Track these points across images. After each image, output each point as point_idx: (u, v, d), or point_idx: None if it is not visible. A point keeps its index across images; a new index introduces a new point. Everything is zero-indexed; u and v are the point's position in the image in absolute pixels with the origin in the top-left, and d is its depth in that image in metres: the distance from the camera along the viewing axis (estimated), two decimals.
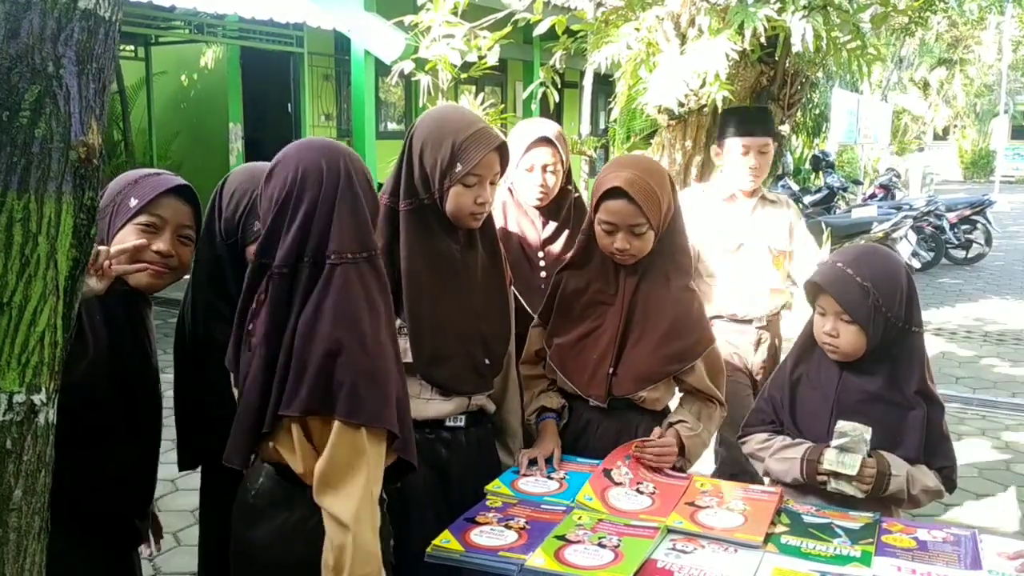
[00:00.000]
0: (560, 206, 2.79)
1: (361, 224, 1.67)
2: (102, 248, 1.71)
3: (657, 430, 2.31)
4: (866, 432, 2.06)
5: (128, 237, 1.82)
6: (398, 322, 2.06)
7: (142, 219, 1.85)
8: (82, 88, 1.20)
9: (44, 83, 1.16)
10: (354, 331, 1.61)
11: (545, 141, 2.71)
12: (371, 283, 1.66)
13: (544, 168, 2.71)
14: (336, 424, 1.59)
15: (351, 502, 1.59)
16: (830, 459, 2.08)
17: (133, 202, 1.85)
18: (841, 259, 2.17)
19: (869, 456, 2.08)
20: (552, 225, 2.79)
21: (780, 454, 2.21)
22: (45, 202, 1.17)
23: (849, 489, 2.09)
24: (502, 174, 2.17)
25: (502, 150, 2.11)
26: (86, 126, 1.22)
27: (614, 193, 2.21)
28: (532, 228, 2.79)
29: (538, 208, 2.78)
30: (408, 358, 2.05)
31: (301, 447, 1.64)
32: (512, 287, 2.59)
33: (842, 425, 2.09)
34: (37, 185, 1.16)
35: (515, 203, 2.80)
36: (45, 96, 1.16)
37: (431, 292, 2.10)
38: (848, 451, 2.07)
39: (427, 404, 2.13)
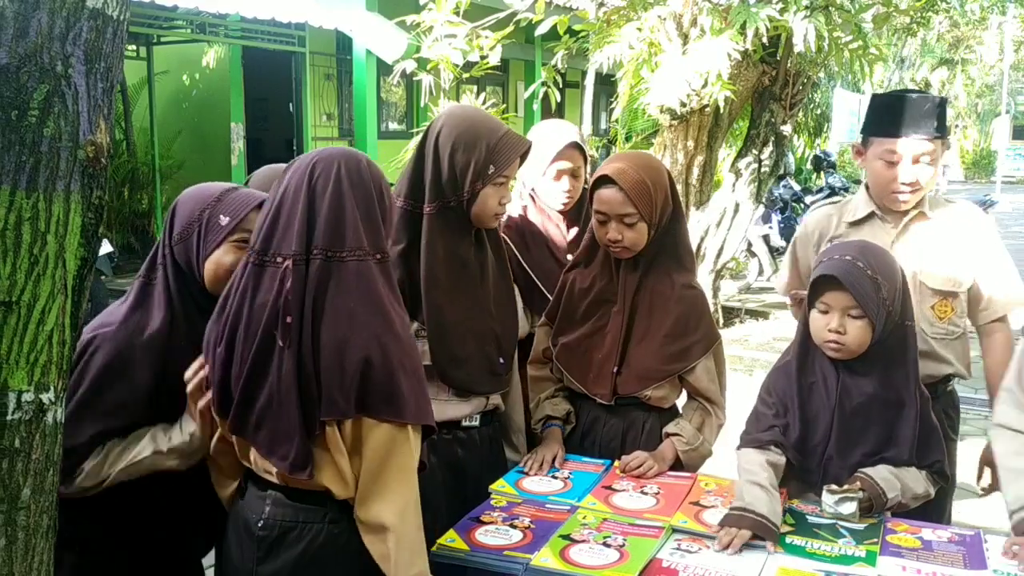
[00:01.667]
0: (580, 207, 2.76)
1: (377, 227, 1.66)
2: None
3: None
4: (854, 493, 2.01)
5: (225, 256, 1.81)
6: (415, 325, 2.07)
7: (236, 236, 1.83)
8: (90, 87, 1.21)
9: (53, 82, 1.16)
10: (390, 326, 1.59)
11: (575, 146, 2.65)
12: (390, 283, 1.67)
13: (573, 173, 2.66)
14: (383, 426, 1.57)
15: (397, 504, 1.57)
16: (828, 502, 2.01)
17: (225, 220, 1.84)
18: (848, 253, 2.08)
19: (863, 492, 2.01)
20: (576, 229, 2.78)
21: (739, 487, 2.06)
22: (54, 201, 1.17)
23: (844, 510, 2.05)
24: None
25: (527, 153, 2.17)
26: (94, 125, 1.22)
27: (603, 182, 2.25)
28: (558, 231, 2.76)
29: (561, 212, 2.76)
30: (426, 360, 2.04)
31: (340, 455, 1.59)
32: (543, 289, 2.57)
33: (828, 498, 2.01)
34: (46, 184, 1.16)
35: (537, 208, 2.77)
36: (54, 95, 1.16)
37: (450, 294, 2.10)
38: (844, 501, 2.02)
39: (445, 405, 2.13)
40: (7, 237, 1.13)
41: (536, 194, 2.77)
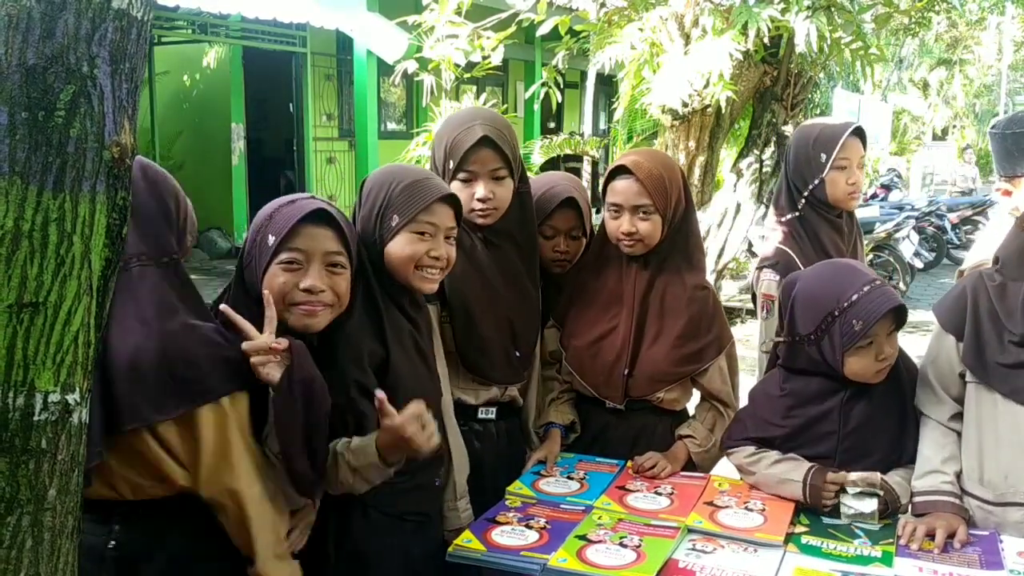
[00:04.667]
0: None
1: (160, 229, 1.63)
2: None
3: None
4: (874, 479, 2.01)
5: (274, 279, 1.68)
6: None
7: (284, 257, 1.68)
8: (115, 88, 1.20)
9: (79, 83, 1.16)
10: (180, 322, 1.59)
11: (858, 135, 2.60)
12: (181, 284, 1.66)
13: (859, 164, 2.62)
14: (203, 409, 1.57)
15: (247, 471, 1.63)
16: (847, 503, 2.01)
17: (271, 239, 1.68)
18: (865, 280, 2.03)
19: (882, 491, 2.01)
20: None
21: (773, 471, 2.09)
22: (80, 202, 1.17)
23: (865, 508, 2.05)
24: (516, 173, 2.18)
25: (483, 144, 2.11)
26: (119, 126, 1.22)
27: (620, 172, 2.26)
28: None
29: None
30: (449, 348, 2.14)
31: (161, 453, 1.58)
32: None
33: (846, 495, 2.01)
34: (72, 185, 1.16)
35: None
36: (80, 96, 1.16)
37: (466, 280, 2.16)
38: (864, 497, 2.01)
39: (461, 391, 2.18)
40: (34, 238, 1.13)
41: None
